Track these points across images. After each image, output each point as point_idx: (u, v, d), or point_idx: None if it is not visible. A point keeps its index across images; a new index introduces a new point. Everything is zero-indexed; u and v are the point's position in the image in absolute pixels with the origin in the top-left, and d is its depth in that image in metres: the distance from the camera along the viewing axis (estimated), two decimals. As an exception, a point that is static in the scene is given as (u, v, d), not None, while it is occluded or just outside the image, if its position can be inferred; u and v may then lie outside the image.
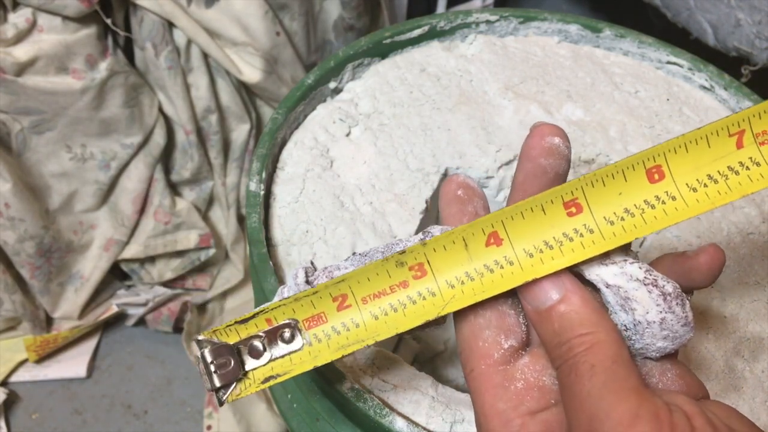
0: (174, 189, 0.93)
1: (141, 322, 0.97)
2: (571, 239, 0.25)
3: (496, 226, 0.25)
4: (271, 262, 0.41)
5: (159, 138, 0.86)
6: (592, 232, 0.25)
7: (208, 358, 0.26)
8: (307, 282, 0.28)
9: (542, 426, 0.24)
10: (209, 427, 0.89)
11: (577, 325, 0.24)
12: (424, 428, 0.35)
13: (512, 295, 0.27)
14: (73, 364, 0.93)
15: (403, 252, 0.26)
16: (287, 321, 0.26)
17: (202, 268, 0.97)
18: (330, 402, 0.39)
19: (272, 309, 0.26)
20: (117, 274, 0.96)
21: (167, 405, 0.92)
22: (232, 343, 0.26)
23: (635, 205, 0.25)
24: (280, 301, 0.26)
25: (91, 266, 0.91)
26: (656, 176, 0.25)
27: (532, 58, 0.56)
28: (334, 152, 0.49)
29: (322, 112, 0.51)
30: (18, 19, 0.73)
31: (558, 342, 0.24)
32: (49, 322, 0.92)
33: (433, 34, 0.57)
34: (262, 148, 0.46)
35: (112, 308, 0.94)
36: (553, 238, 0.25)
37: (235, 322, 0.26)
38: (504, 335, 0.26)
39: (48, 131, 0.80)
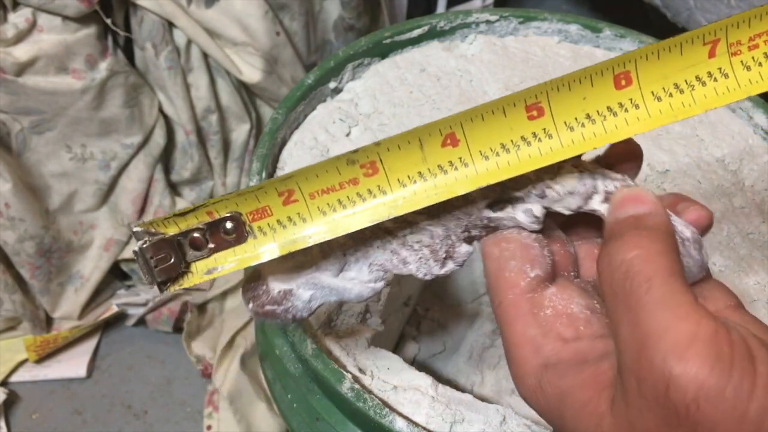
0: (174, 189, 0.93)
1: (141, 322, 0.97)
2: (528, 143, 0.24)
3: (454, 128, 0.25)
4: (271, 262, 0.41)
5: (159, 138, 0.86)
6: (550, 137, 0.25)
7: (148, 254, 0.25)
8: None
9: (574, 354, 0.23)
10: (209, 427, 0.89)
11: (654, 235, 0.23)
12: (424, 428, 0.35)
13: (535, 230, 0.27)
14: (73, 364, 0.93)
15: (355, 151, 0.25)
16: (230, 214, 0.25)
17: (202, 268, 0.97)
18: (330, 402, 0.39)
19: (213, 203, 0.25)
20: (117, 274, 0.96)
21: (167, 405, 0.92)
22: (171, 233, 0.25)
23: (597, 111, 0.24)
24: (222, 195, 0.25)
25: (91, 266, 0.91)
26: (623, 82, 0.24)
27: (532, 58, 0.56)
28: (334, 152, 0.49)
29: (322, 112, 0.51)
30: (18, 19, 0.73)
31: (620, 244, 0.23)
32: (49, 322, 0.92)
33: (433, 34, 0.57)
34: (262, 148, 0.46)
35: (112, 308, 0.94)
36: (511, 141, 0.25)
37: (174, 215, 0.25)
38: (530, 265, 0.25)
39: (48, 131, 0.80)
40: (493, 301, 0.26)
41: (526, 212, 0.26)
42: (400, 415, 0.35)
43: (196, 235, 0.25)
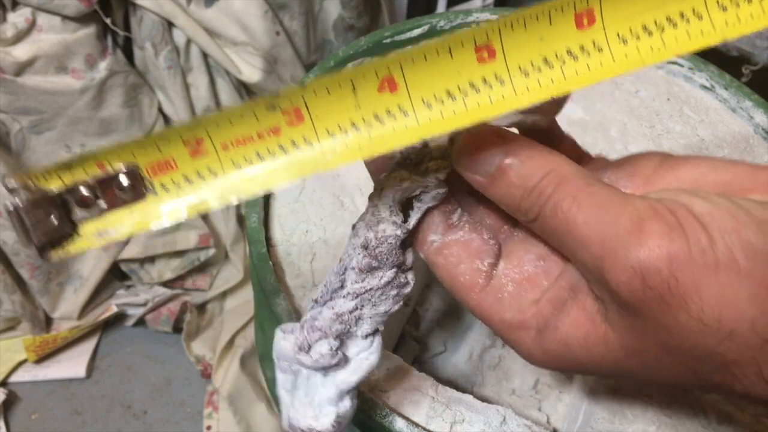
0: (173, 189, 0.93)
1: (140, 322, 0.97)
2: (477, 90, 0.22)
3: (393, 70, 0.22)
4: (270, 262, 0.41)
5: (158, 138, 0.86)
6: (503, 83, 0.22)
7: (24, 213, 0.21)
8: None
9: (551, 305, 0.23)
10: (209, 428, 0.88)
11: (537, 169, 0.22)
12: (424, 428, 0.35)
13: (468, 215, 0.26)
14: (72, 365, 0.93)
15: (276, 94, 0.21)
16: (125, 166, 0.21)
17: (201, 268, 0.97)
18: (330, 402, 0.39)
19: (105, 153, 0.21)
20: (116, 274, 0.96)
21: (167, 405, 0.92)
22: (54, 189, 0.21)
23: (556, 54, 0.21)
24: (117, 143, 0.22)
25: (91, 266, 0.90)
26: (586, 21, 0.21)
27: (532, 57, 0.56)
28: (334, 152, 0.49)
29: (321, 112, 0.51)
30: (17, 18, 0.72)
31: (522, 194, 0.23)
32: (48, 322, 0.92)
33: (432, 34, 0.57)
34: (262, 148, 0.46)
35: (111, 308, 0.94)
36: (458, 87, 0.22)
37: (57, 167, 0.21)
38: (478, 260, 0.25)
39: (47, 131, 0.80)
40: (460, 301, 0.26)
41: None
42: (400, 415, 0.35)
43: (84, 191, 0.21)
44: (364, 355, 0.26)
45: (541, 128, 0.25)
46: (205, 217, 0.96)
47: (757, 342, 0.19)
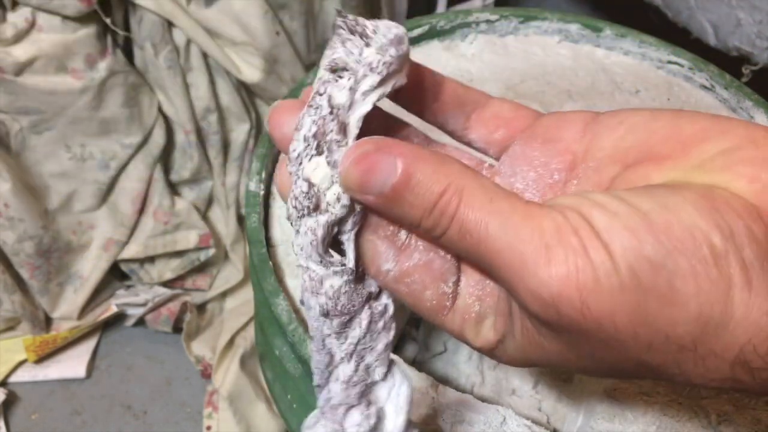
0: (173, 189, 0.93)
1: (140, 322, 0.97)
2: None
3: None
4: (270, 262, 0.41)
5: (158, 138, 0.86)
6: None
7: None
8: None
9: (504, 319, 0.23)
10: (209, 428, 0.88)
11: (434, 184, 0.21)
12: (424, 428, 0.35)
13: (420, 236, 0.24)
14: (72, 365, 0.93)
15: None
16: None
17: (201, 268, 0.97)
18: (330, 402, 0.39)
19: None
20: (116, 274, 0.96)
21: (167, 405, 0.92)
22: None
23: None
24: None
25: (91, 266, 0.90)
26: None
27: (532, 57, 0.56)
28: (334, 152, 0.49)
29: (321, 112, 0.51)
30: (17, 18, 0.72)
31: (422, 214, 0.21)
32: (48, 322, 0.92)
33: (433, 34, 0.56)
34: (262, 148, 0.46)
35: (111, 308, 0.94)
36: None
37: None
38: (442, 281, 0.24)
39: (47, 131, 0.80)
40: (428, 321, 0.25)
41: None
42: (400, 415, 0.35)
43: None
44: (394, 393, 0.25)
45: (404, 85, 0.23)
46: (205, 217, 0.96)
47: (675, 348, 0.19)
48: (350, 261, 0.23)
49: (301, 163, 0.22)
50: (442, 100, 0.26)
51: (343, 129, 0.22)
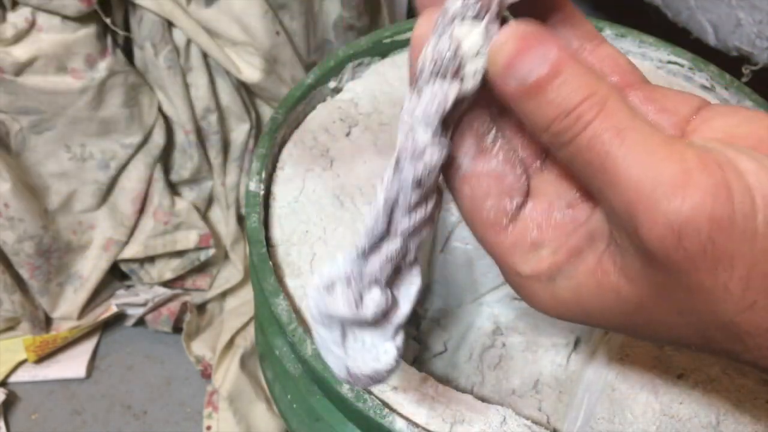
0: (173, 189, 0.93)
1: (140, 322, 0.97)
2: None
3: None
4: (270, 262, 0.41)
5: (158, 138, 0.86)
6: None
7: None
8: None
9: (569, 253, 0.22)
10: (209, 428, 0.88)
11: (579, 89, 0.20)
12: (424, 428, 0.35)
13: (506, 149, 0.23)
14: (72, 365, 0.93)
15: None
16: None
17: (201, 268, 0.97)
18: (330, 402, 0.39)
19: None
20: (116, 274, 0.96)
21: (167, 405, 0.92)
22: None
23: None
24: None
25: (91, 266, 0.90)
26: None
27: (532, 57, 0.56)
28: (334, 152, 0.49)
29: (322, 112, 0.51)
30: (17, 18, 0.72)
31: (557, 114, 0.20)
32: (48, 322, 0.92)
33: (433, 34, 0.56)
34: (262, 148, 0.46)
35: (111, 308, 0.94)
36: None
37: None
38: (508, 198, 0.23)
39: (47, 131, 0.80)
40: (474, 234, 0.24)
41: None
42: (400, 415, 0.35)
43: None
44: (407, 283, 0.25)
45: None
46: (205, 217, 0.96)
47: None
48: (449, 141, 0.22)
49: (453, 23, 0.21)
50: (558, 17, 0.24)
51: (501, 5, 0.21)
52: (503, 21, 0.22)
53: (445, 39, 0.21)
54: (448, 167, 0.23)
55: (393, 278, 0.24)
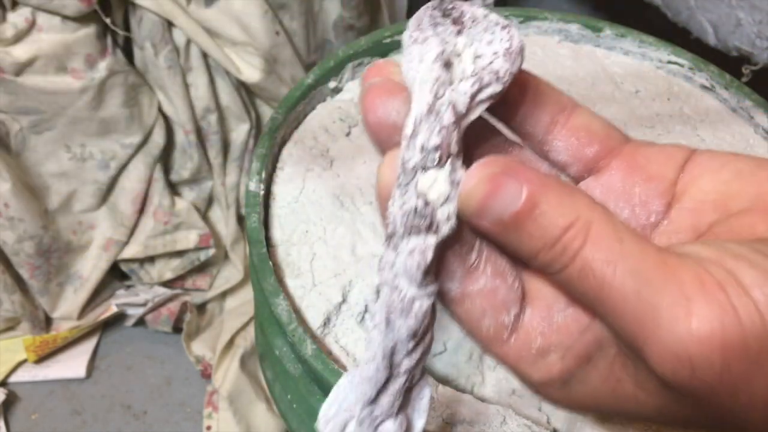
0: (173, 189, 0.93)
1: (140, 322, 0.97)
2: None
3: None
4: (270, 262, 0.41)
5: (158, 138, 0.86)
6: None
7: None
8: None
9: (578, 358, 0.21)
10: (209, 428, 0.88)
11: (560, 217, 0.19)
12: (425, 428, 0.35)
13: (493, 259, 0.22)
14: (72, 365, 0.93)
15: None
16: None
17: (201, 268, 0.97)
18: (330, 402, 0.39)
19: None
20: (116, 274, 0.96)
21: (167, 405, 0.92)
22: None
23: None
24: None
25: (91, 266, 0.90)
26: None
27: (532, 57, 0.56)
28: (334, 152, 0.49)
29: (321, 112, 0.51)
30: (17, 18, 0.72)
31: (541, 247, 0.19)
32: (48, 322, 0.92)
33: (433, 34, 0.56)
34: (262, 148, 0.46)
35: (111, 308, 0.94)
36: None
37: None
38: (504, 312, 0.22)
39: (47, 131, 0.80)
40: (480, 347, 0.23)
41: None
42: (400, 415, 0.35)
43: None
44: (418, 397, 0.24)
45: (500, 94, 0.21)
46: (205, 218, 0.96)
47: None
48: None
49: (415, 176, 0.20)
50: (525, 95, 0.23)
51: (460, 140, 0.20)
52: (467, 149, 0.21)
53: (411, 194, 0.20)
54: (437, 294, 0.22)
55: (404, 402, 0.23)
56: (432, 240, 0.20)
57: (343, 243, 0.43)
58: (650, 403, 0.20)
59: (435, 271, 0.21)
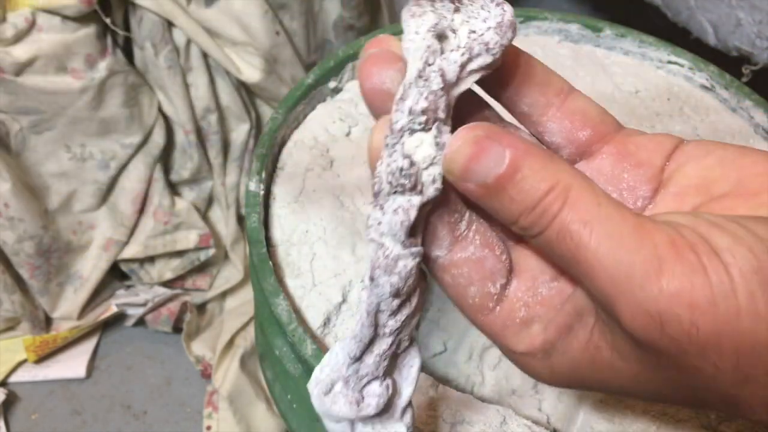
0: (173, 189, 0.93)
1: (140, 322, 0.97)
2: None
3: None
4: (270, 262, 0.41)
5: (158, 138, 0.86)
6: None
7: None
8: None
9: (559, 329, 0.22)
10: (209, 428, 0.88)
11: (540, 182, 0.20)
12: (424, 428, 0.35)
13: (482, 230, 0.23)
14: (72, 365, 0.93)
15: None
16: None
17: (201, 268, 0.97)
18: (330, 402, 0.39)
19: None
20: (116, 274, 0.96)
21: (167, 405, 0.92)
22: None
23: None
24: None
25: (91, 266, 0.90)
26: None
27: (532, 57, 0.56)
28: (334, 152, 0.49)
29: (322, 112, 0.51)
30: (17, 18, 0.72)
31: (522, 210, 0.20)
32: (48, 322, 0.92)
33: (433, 34, 0.56)
34: (262, 148, 0.46)
35: (111, 308, 0.94)
36: None
37: None
38: (490, 282, 0.23)
39: (47, 131, 0.80)
40: (464, 316, 0.24)
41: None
42: (400, 415, 0.35)
43: None
44: (407, 365, 0.25)
45: (493, 67, 0.22)
46: (205, 218, 0.96)
47: None
48: (421, 241, 0.22)
49: (402, 137, 0.21)
50: (524, 76, 0.24)
51: (449, 107, 0.21)
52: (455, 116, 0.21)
53: (397, 155, 0.21)
54: (426, 260, 0.23)
55: (391, 366, 0.24)
56: (416, 200, 0.21)
57: (343, 243, 0.43)
58: (626, 370, 0.20)
59: (421, 234, 0.22)
